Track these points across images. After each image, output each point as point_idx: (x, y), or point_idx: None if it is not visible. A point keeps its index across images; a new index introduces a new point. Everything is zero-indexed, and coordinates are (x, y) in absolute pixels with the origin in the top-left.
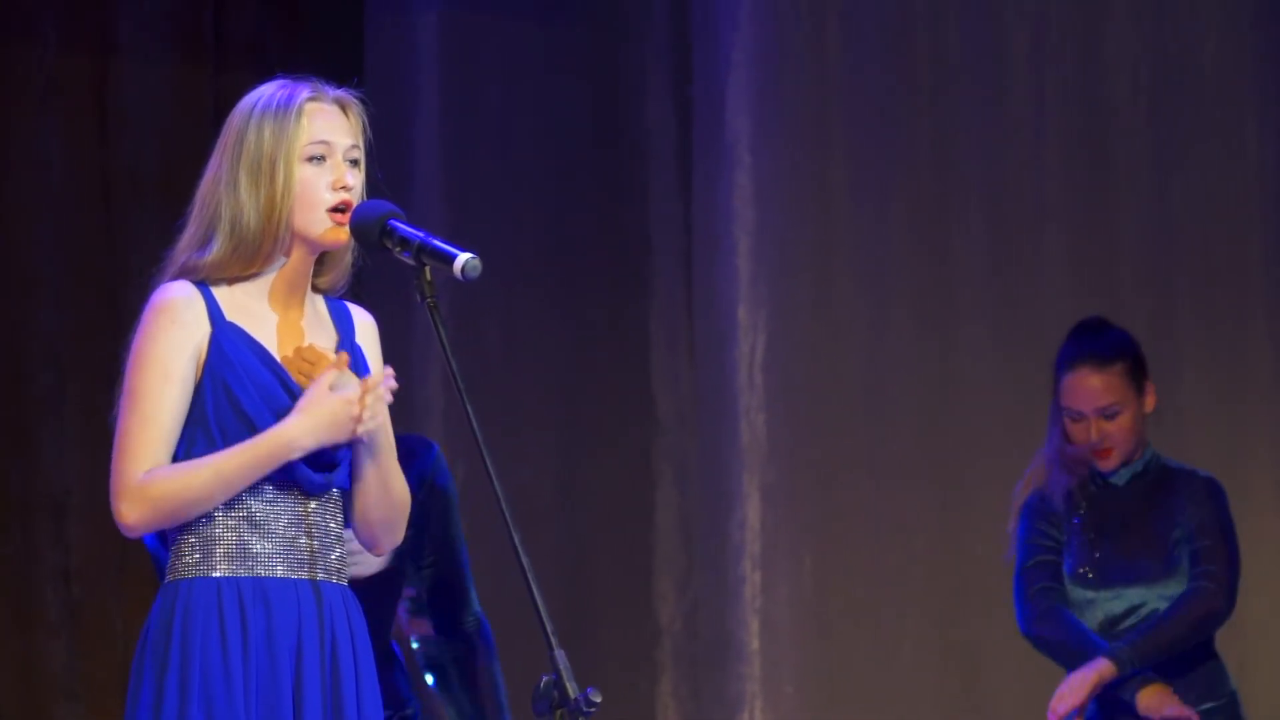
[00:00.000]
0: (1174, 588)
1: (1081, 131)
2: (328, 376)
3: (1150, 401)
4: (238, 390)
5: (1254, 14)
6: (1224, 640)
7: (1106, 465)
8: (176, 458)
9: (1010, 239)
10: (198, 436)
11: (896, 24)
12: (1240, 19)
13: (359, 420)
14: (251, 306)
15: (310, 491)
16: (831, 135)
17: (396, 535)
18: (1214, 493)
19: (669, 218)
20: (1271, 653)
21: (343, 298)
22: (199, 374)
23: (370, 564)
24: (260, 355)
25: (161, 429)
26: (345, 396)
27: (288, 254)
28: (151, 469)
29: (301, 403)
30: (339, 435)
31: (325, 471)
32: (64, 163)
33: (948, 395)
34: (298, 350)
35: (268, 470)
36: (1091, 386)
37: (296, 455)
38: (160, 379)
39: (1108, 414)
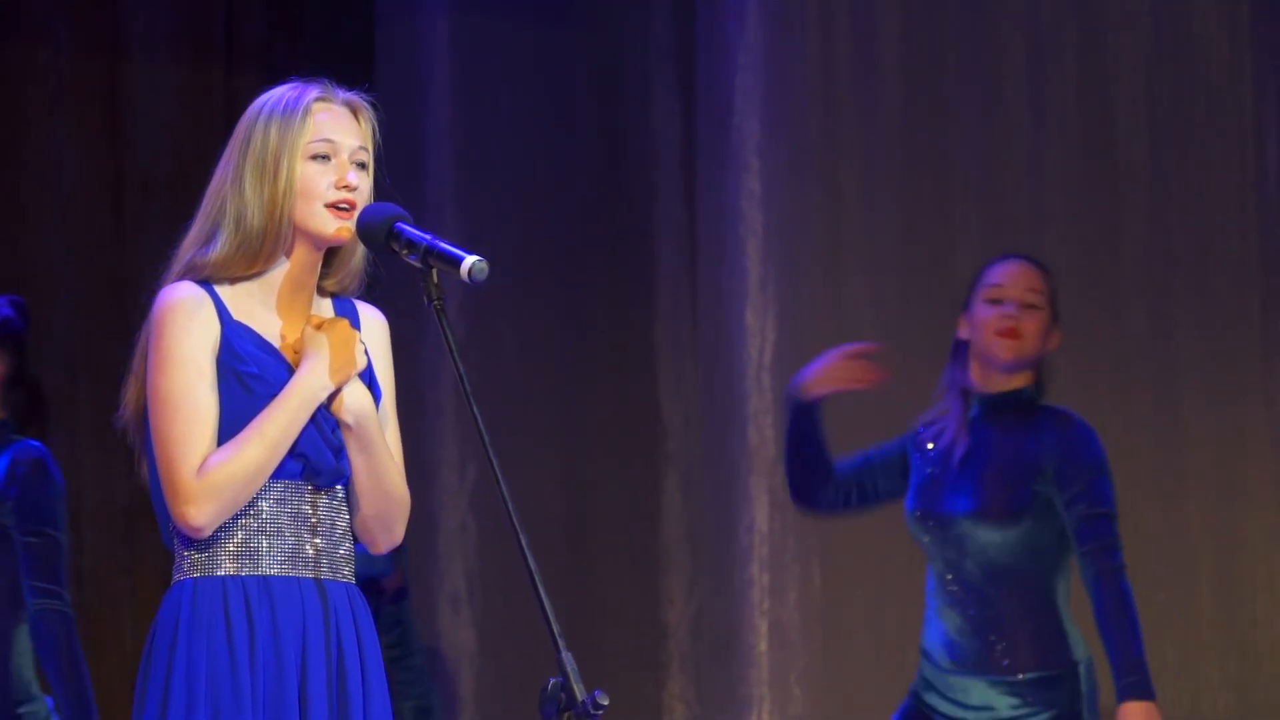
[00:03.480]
0: (1015, 529)
1: (1080, 136)
2: (310, 324)
3: (1055, 339)
4: (254, 384)
5: (1254, 15)
6: (1228, 638)
7: (1005, 355)
8: None
9: (1014, 243)
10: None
11: (901, 27)
12: (1240, 21)
13: (357, 339)
14: (255, 308)
15: (321, 473)
16: (838, 137)
17: (394, 534)
18: (1089, 438)
19: (674, 220)
20: (1277, 649)
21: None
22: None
23: None
24: (269, 351)
25: (207, 425)
26: (337, 328)
27: (289, 253)
28: (203, 464)
29: (303, 353)
30: (350, 361)
31: (334, 453)
32: (75, 164)
33: None
34: (296, 341)
35: (303, 423)
36: (1025, 273)
37: (323, 396)
38: (195, 376)
39: (1028, 304)
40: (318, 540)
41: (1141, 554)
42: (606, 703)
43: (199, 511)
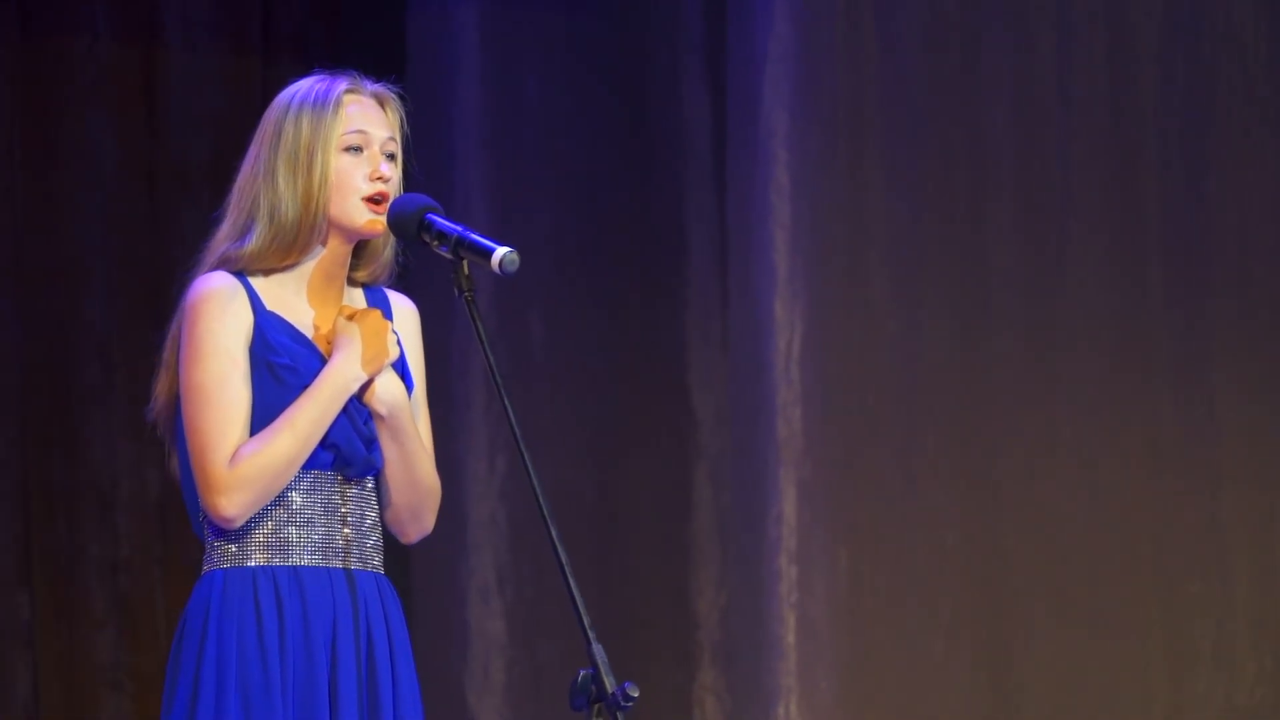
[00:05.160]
0: None
1: (1112, 125)
2: (343, 314)
3: None
4: (286, 375)
5: None
6: (1264, 630)
7: None
8: None
9: (1043, 235)
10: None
11: (929, 18)
12: (1278, 6)
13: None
14: (288, 298)
15: (352, 464)
16: (866, 129)
17: (424, 524)
18: None
19: (704, 212)
20: None
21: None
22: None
23: None
24: (302, 342)
25: (240, 416)
26: (369, 319)
27: (324, 244)
28: (234, 455)
29: (335, 342)
30: (382, 351)
31: (366, 445)
32: (112, 154)
33: (982, 390)
34: (329, 332)
35: (335, 414)
36: None
37: (354, 387)
38: (229, 366)
39: None
40: (348, 530)
41: (1176, 545)
42: (637, 694)
43: (230, 502)
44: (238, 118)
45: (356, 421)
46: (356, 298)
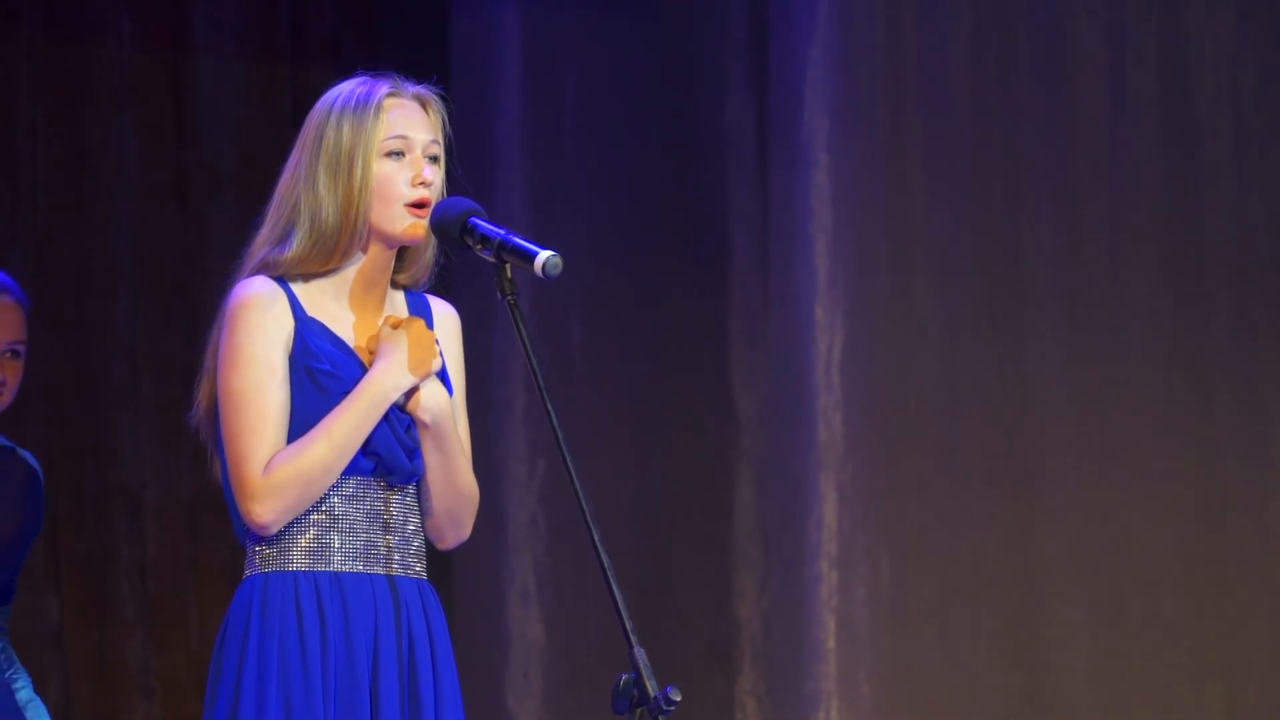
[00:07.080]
0: None
1: (1160, 129)
2: (388, 322)
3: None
4: (326, 381)
5: None
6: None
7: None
8: None
9: (1086, 239)
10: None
11: (971, 23)
12: None
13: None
14: (328, 304)
15: (394, 472)
16: (908, 134)
17: (462, 530)
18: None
19: (747, 215)
20: None
21: (426, 291)
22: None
23: None
24: (343, 349)
25: (276, 423)
26: (414, 327)
27: (365, 249)
28: (270, 462)
29: (378, 350)
30: (426, 360)
31: (408, 454)
32: (141, 160)
33: (1023, 394)
34: (369, 340)
35: (374, 422)
36: (12, 320)
37: (395, 396)
38: (266, 373)
39: (15, 350)
40: (390, 537)
41: (1226, 552)
42: (679, 698)
43: (264, 509)
44: (266, 123)
45: (398, 430)
46: (398, 303)
